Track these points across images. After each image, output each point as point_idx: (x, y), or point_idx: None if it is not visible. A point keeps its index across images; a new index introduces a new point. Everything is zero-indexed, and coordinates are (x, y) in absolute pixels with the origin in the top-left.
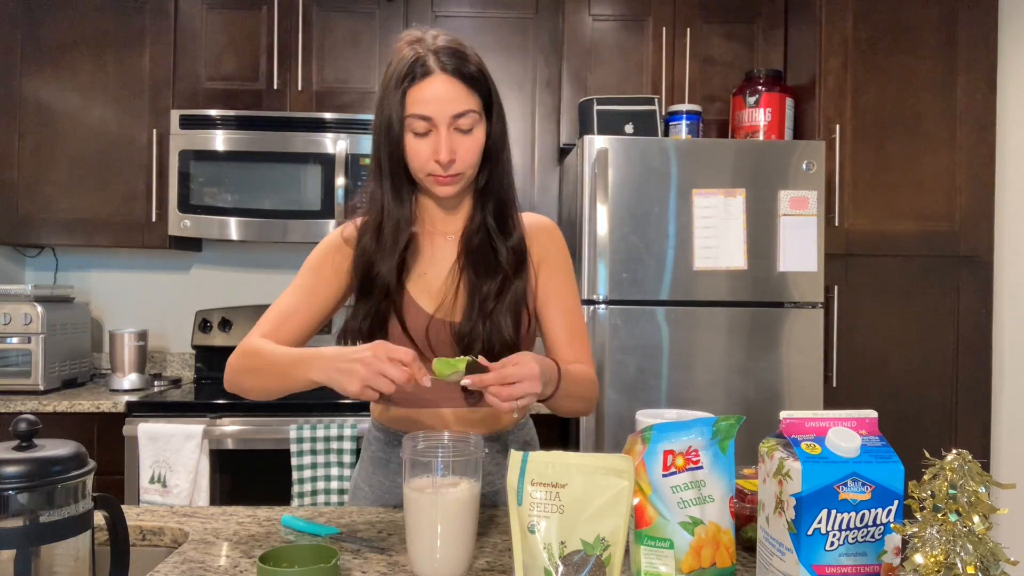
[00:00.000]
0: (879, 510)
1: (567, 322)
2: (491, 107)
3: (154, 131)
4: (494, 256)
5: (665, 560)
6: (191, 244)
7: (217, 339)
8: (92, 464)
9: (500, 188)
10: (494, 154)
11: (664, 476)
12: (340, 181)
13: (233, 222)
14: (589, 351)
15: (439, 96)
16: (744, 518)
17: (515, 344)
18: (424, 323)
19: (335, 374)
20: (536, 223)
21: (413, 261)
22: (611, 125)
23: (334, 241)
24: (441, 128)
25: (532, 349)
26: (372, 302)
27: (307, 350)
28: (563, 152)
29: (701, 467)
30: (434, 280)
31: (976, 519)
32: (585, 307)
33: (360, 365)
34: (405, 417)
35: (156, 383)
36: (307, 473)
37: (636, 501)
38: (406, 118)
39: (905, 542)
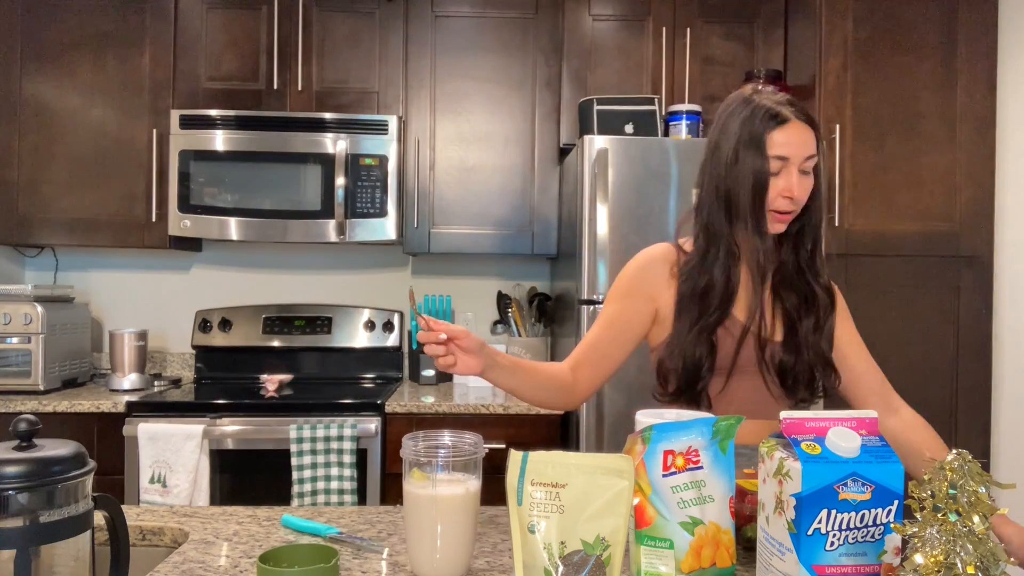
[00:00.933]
0: (879, 510)
1: (874, 369)
2: (819, 156)
3: (154, 131)
4: (811, 292)
5: (665, 560)
6: (191, 244)
7: (217, 339)
8: (92, 464)
9: (815, 230)
10: (815, 198)
11: (664, 476)
12: (340, 181)
13: (233, 222)
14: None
15: (796, 140)
16: (744, 518)
17: (831, 361)
18: (751, 342)
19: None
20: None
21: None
22: (611, 125)
23: (651, 258)
24: (793, 168)
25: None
26: (703, 317)
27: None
28: (563, 152)
29: (701, 467)
30: (750, 305)
31: (976, 519)
32: (585, 307)
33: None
34: None
35: (156, 383)
36: (307, 473)
37: (636, 501)
38: (767, 158)
39: (905, 542)
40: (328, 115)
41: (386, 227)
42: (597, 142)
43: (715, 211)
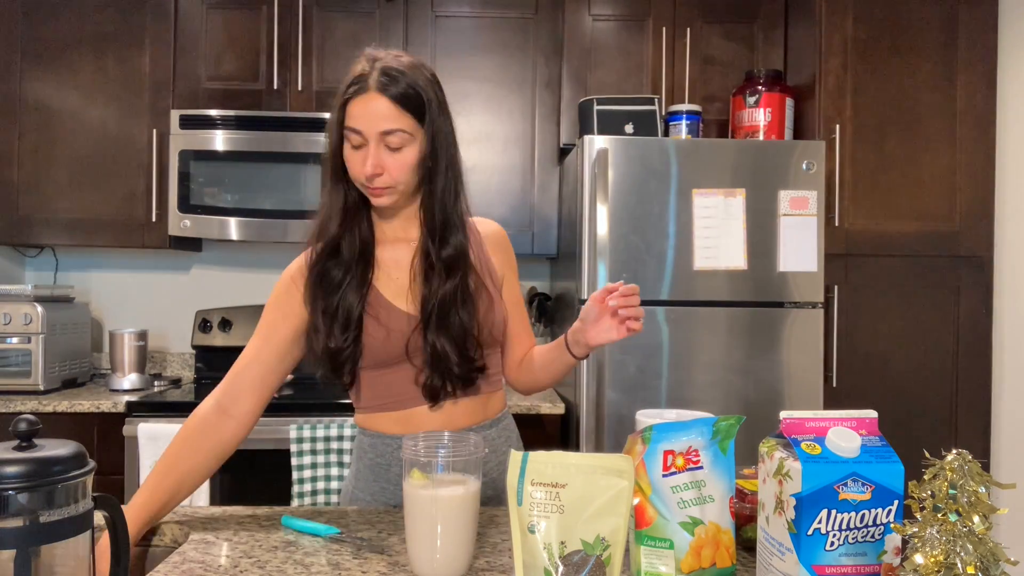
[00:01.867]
0: (879, 510)
1: (525, 321)
2: (428, 120)
3: (154, 131)
4: (430, 271)
5: (665, 560)
6: (191, 244)
7: (217, 339)
8: (92, 464)
9: (435, 205)
10: (430, 172)
11: (664, 476)
12: None
13: (233, 222)
14: None
15: (366, 112)
16: (744, 518)
17: (459, 360)
18: (409, 324)
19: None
20: (495, 234)
21: (379, 266)
22: (611, 125)
23: (287, 276)
24: (370, 143)
25: (501, 341)
26: (340, 306)
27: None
28: (563, 152)
29: (701, 467)
30: (400, 281)
31: (976, 519)
32: None
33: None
34: (394, 420)
35: (156, 383)
36: (307, 473)
37: (636, 501)
38: (344, 130)
39: (905, 542)
40: (328, 115)
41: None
42: (597, 142)
43: (332, 184)
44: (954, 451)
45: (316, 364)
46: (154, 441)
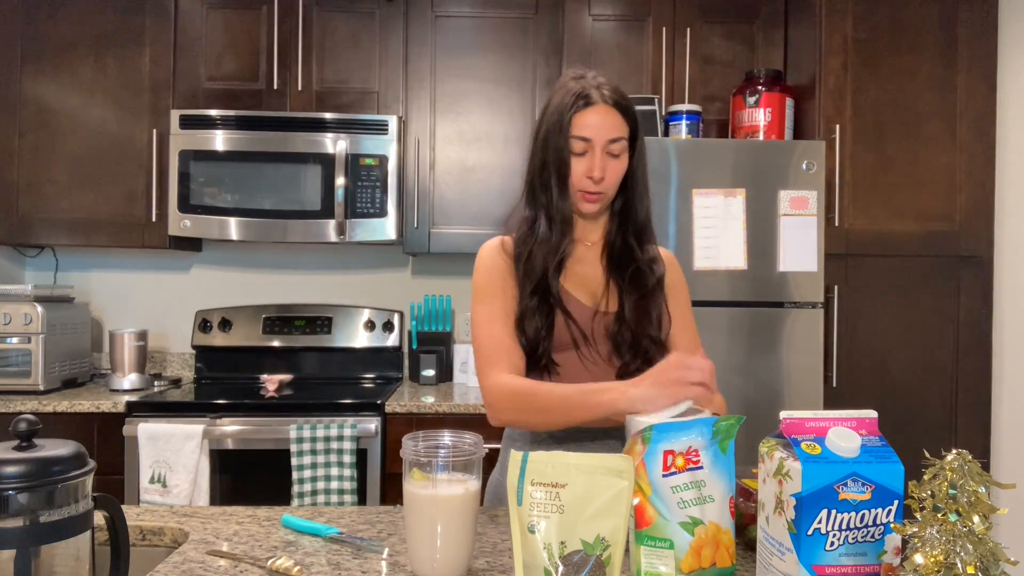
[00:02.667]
0: (879, 510)
1: (689, 338)
2: (635, 142)
3: (154, 131)
4: (636, 264)
5: (665, 560)
6: (191, 244)
7: (217, 339)
8: (92, 464)
9: (636, 213)
10: (632, 182)
11: (664, 476)
12: (340, 181)
13: (233, 222)
14: None
15: (598, 122)
16: (749, 517)
17: (659, 338)
18: (587, 315)
19: (645, 396)
20: (667, 255)
21: (567, 261)
22: None
23: (496, 252)
24: (597, 150)
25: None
26: (536, 299)
27: (589, 385)
28: None
29: (701, 467)
30: (587, 279)
31: (976, 519)
32: None
33: (666, 381)
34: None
35: (156, 383)
36: (307, 473)
37: (636, 501)
38: (570, 139)
39: (905, 542)
40: (328, 115)
41: (386, 227)
42: None
43: (536, 187)
44: (954, 451)
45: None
46: (154, 441)
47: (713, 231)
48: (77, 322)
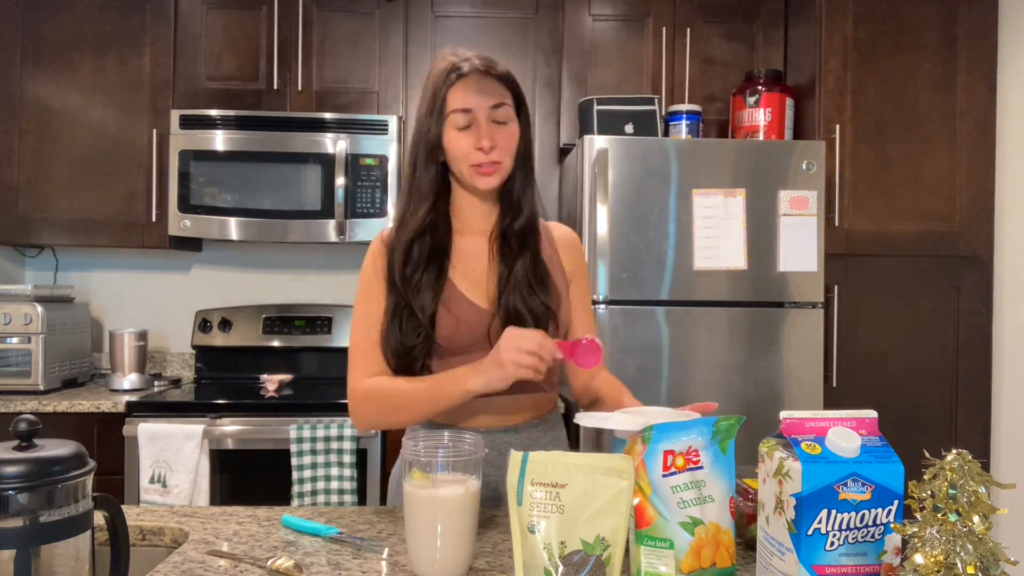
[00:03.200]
0: (879, 510)
1: (591, 324)
2: (521, 109)
3: (154, 131)
4: (505, 243)
5: (665, 560)
6: (191, 244)
7: (217, 339)
8: (92, 464)
9: (515, 189)
10: (523, 158)
11: (664, 476)
12: (340, 181)
13: (233, 222)
14: None
15: (473, 89)
16: (750, 517)
17: (551, 314)
18: (483, 318)
19: (488, 376)
20: (565, 236)
21: (455, 258)
22: (611, 125)
23: (374, 249)
24: (480, 118)
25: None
26: (415, 301)
27: (441, 374)
28: (563, 152)
29: (701, 467)
30: (481, 277)
31: (976, 519)
32: None
33: (504, 358)
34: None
35: (156, 383)
36: (307, 473)
37: (636, 501)
38: (448, 115)
39: (905, 542)
40: (328, 115)
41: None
42: (597, 142)
43: (421, 173)
44: (954, 451)
45: (388, 355)
46: (154, 441)
47: (713, 231)
48: (77, 322)
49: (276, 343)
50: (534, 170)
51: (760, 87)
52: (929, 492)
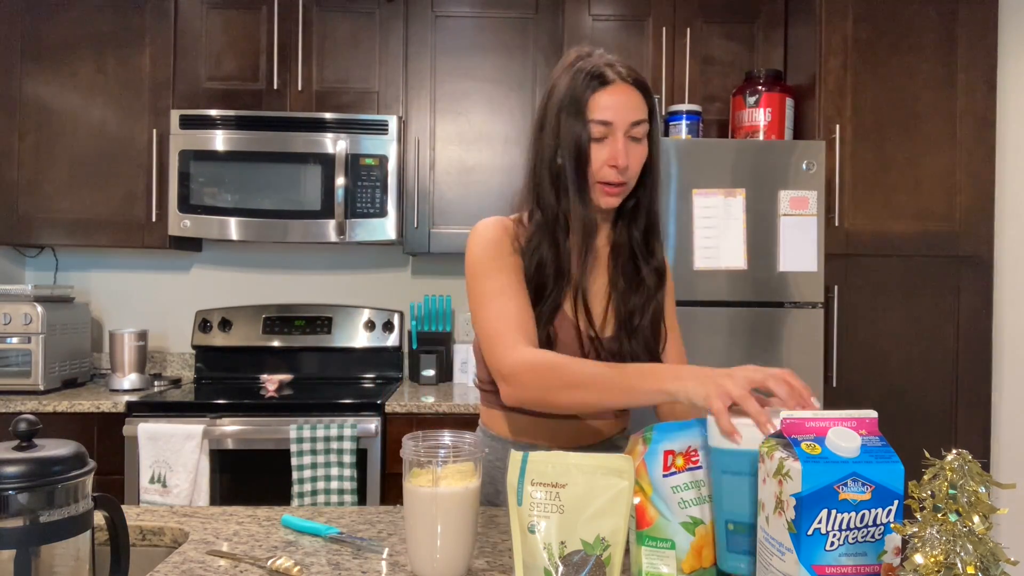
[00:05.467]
0: (879, 510)
1: (679, 348)
2: (653, 126)
3: (154, 131)
4: (637, 274)
5: (666, 560)
6: (191, 244)
7: (217, 339)
8: (92, 464)
9: (650, 208)
10: (651, 171)
11: (665, 476)
12: (340, 181)
13: (233, 222)
14: None
15: (620, 103)
16: None
17: (657, 358)
18: (574, 336)
19: (688, 384)
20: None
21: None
22: None
23: (501, 229)
24: (619, 134)
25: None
26: (539, 303)
27: (628, 365)
28: None
29: (700, 467)
30: (590, 293)
31: (976, 519)
32: None
33: (730, 384)
34: (529, 427)
35: (156, 383)
36: (307, 473)
37: (637, 501)
38: (588, 123)
39: (905, 542)
40: (328, 115)
41: (386, 227)
42: None
43: (544, 183)
44: (954, 451)
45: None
46: (154, 441)
47: (713, 231)
48: (77, 322)
49: (276, 343)
50: (658, 186)
51: (760, 87)
52: (929, 492)
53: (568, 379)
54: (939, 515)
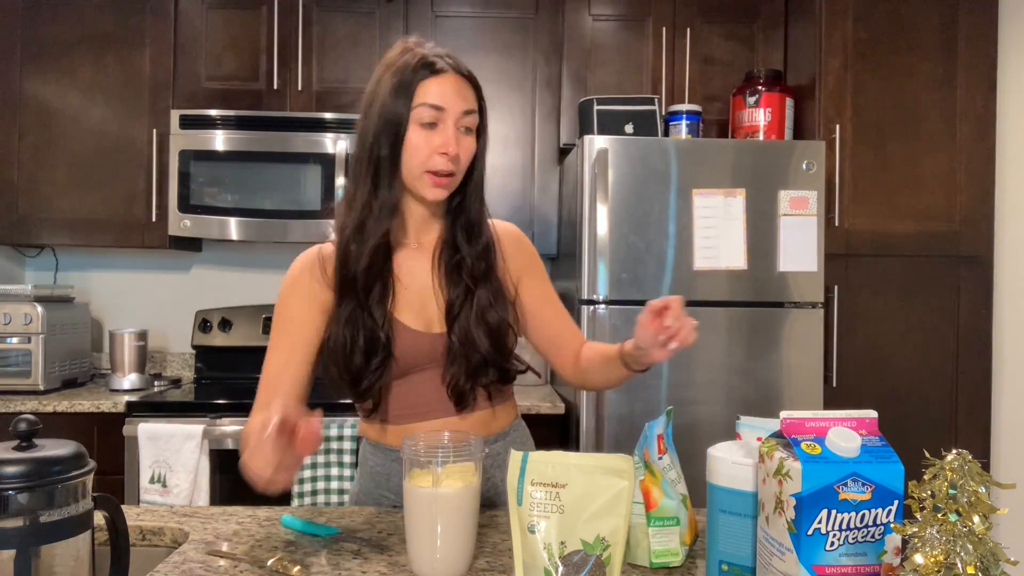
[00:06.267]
0: (879, 510)
1: (566, 318)
2: (483, 119)
3: (154, 131)
4: (458, 270)
5: (671, 536)
6: (191, 244)
7: (217, 339)
8: (92, 464)
9: (473, 205)
10: (476, 169)
11: (658, 459)
12: (340, 181)
13: (233, 222)
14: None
15: (453, 90)
16: None
17: (494, 357)
18: (422, 344)
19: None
20: (508, 233)
21: (394, 271)
22: (611, 125)
23: (300, 268)
24: (450, 121)
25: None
26: (362, 304)
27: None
28: (563, 152)
29: (667, 451)
30: (416, 296)
31: (976, 519)
32: (585, 307)
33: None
34: (402, 433)
35: (156, 383)
36: (307, 473)
37: (642, 478)
38: (414, 107)
39: (905, 542)
40: (328, 115)
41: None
42: (597, 142)
43: (362, 176)
44: (954, 451)
45: (334, 382)
46: (154, 441)
47: (713, 231)
48: (77, 322)
49: None
50: (483, 183)
51: (760, 87)
52: (929, 492)
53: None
54: (939, 515)
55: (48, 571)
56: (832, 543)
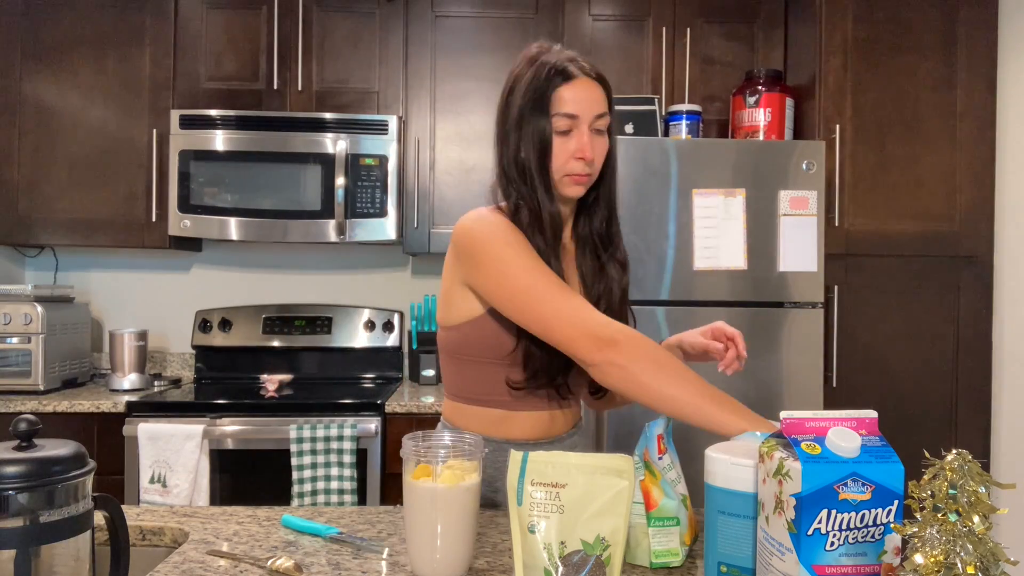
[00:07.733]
0: (879, 510)
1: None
2: (612, 116)
3: (154, 131)
4: (600, 264)
5: (672, 537)
6: (191, 244)
7: (217, 339)
8: (92, 464)
9: (609, 199)
10: (610, 164)
11: (659, 459)
12: (340, 181)
13: (233, 222)
14: None
15: (584, 97)
16: None
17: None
18: None
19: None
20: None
21: None
22: None
23: (504, 218)
24: (583, 127)
25: None
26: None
27: (723, 393)
28: None
29: (667, 451)
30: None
31: (976, 519)
32: None
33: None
34: (500, 420)
35: (156, 383)
36: (307, 473)
37: (642, 478)
38: (553, 117)
39: (905, 542)
40: (328, 115)
41: (386, 227)
42: None
43: (515, 179)
44: (954, 451)
45: (528, 363)
46: (154, 441)
47: (713, 231)
48: (77, 322)
49: (276, 343)
50: (616, 179)
51: (760, 87)
52: (929, 492)
53: (675, 367)
54: (939, 515)
55: (48, 571)
56: (832, 543)
